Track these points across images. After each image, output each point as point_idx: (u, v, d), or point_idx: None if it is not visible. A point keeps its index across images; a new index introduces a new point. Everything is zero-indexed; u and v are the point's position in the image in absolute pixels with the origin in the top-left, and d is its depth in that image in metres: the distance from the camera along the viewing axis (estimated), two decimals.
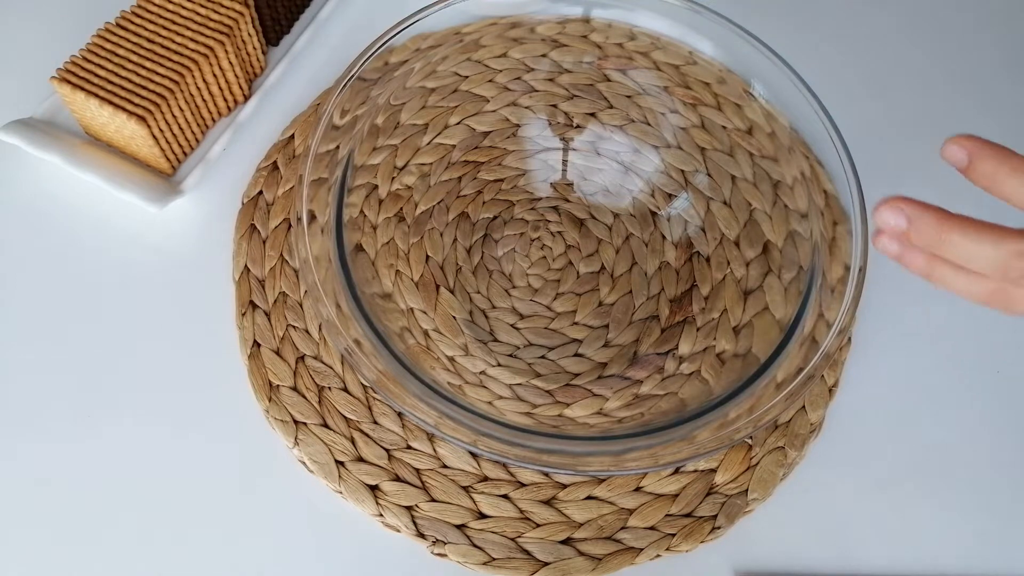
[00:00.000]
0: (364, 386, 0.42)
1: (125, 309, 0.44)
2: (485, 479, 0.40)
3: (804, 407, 0.42)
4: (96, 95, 0.43)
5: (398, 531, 0.39)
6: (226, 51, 0.45)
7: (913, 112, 0.53)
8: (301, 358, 0.42)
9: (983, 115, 0.53)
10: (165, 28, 0.45)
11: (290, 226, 0.46)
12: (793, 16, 0.56)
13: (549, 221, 0.47)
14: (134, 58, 0.44)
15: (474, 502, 0.40)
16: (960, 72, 0.55)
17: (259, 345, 0.43)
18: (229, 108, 0.49)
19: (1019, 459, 0.42)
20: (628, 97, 0.49)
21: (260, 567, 0.38)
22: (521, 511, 0.40)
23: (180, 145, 0.46)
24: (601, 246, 0.47)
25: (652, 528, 0.39)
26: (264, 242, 0.45)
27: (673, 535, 0.39)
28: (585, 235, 0.47)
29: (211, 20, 0.45)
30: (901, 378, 0.44)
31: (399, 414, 0.41)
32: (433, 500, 0.39)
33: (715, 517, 0.40)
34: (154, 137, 0.44)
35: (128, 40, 0.45)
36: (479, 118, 0.49)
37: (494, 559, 0.38)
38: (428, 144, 0.47)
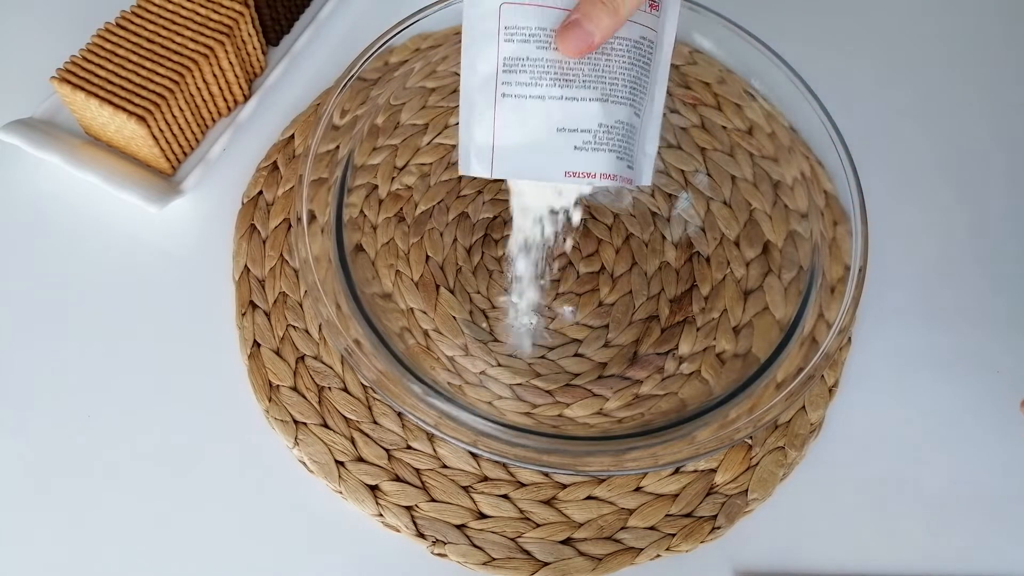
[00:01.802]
0: (364, 386, 0.42)
1: (125, 309, 0.44)
2: (485, 479, 0.40)
3: (804, 407, 0.42)
4: (96, 95, 0.43)
5: (398, 531, 0.39)
6: (226, 51, 0.45)
7: (914, 112, 0.53)
8: (301, 358, 0.42)
9: (986, 115, 0.53)
10: (165, 28, 0.45)
11: (290, 226, 0.46)
12: (792, 15, 0.56)
13: None
14: (134, 58, 0.44)
15: (474, 502, 0.40)
16: (962, 72, 0.55)
17: (259, 345, 0.43)
18: (229, 108, 0.49)
19: (1019, 459, 0.42)
20: None
21: (260, 567, 0.38)
22: (521, 511, 0.40)
23: (180, 145, 0.46)
24: (601, 246, 0.47)
25: (652, 528, 0.39)
26: (264, 242, 0.45)
27: (673, 535, 0.39)
28: (585, 235, 0.47)
29: (211, 20, 0.45)
30: (901, 378, 0.44)
31: (399, 414, 0.41)
32: (433, 500, 0.39)
33: (715, 517, 0.40)
34: (154, 137, 0.44)
35: (128, 40, 0.45)
36: None
37: (494, 559, 0.38)
38: (428, 144, 0.47)
